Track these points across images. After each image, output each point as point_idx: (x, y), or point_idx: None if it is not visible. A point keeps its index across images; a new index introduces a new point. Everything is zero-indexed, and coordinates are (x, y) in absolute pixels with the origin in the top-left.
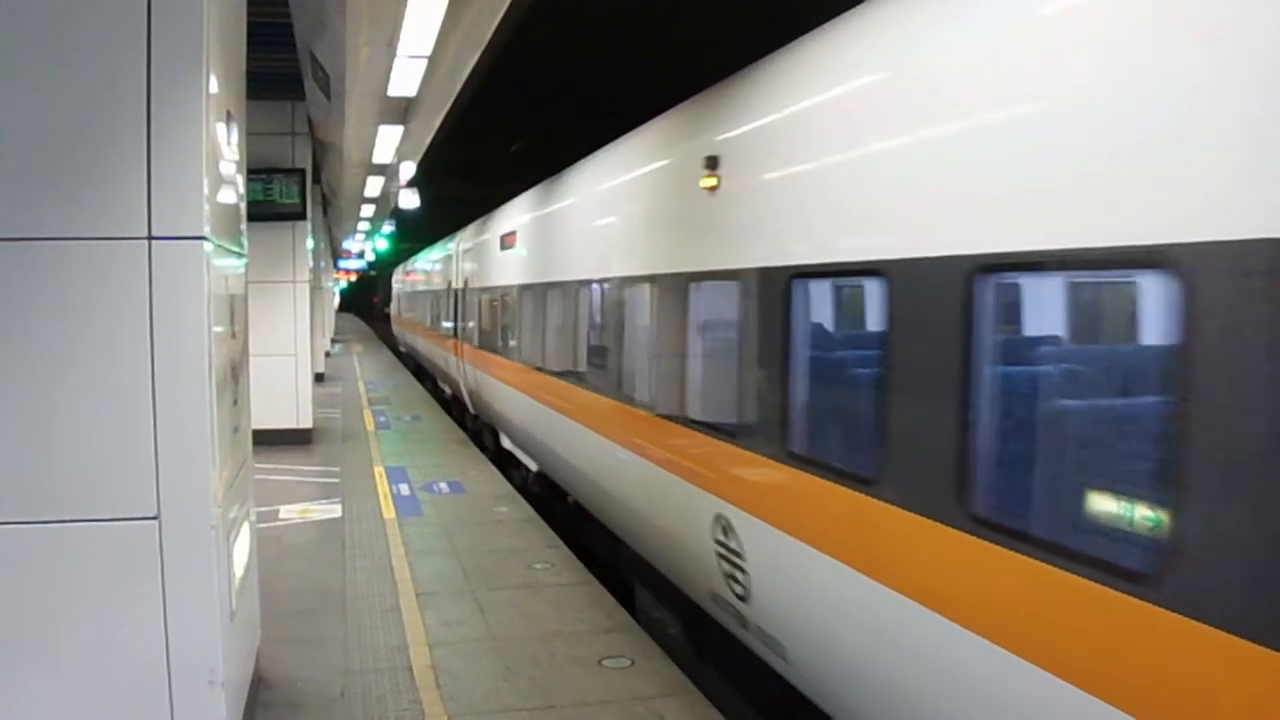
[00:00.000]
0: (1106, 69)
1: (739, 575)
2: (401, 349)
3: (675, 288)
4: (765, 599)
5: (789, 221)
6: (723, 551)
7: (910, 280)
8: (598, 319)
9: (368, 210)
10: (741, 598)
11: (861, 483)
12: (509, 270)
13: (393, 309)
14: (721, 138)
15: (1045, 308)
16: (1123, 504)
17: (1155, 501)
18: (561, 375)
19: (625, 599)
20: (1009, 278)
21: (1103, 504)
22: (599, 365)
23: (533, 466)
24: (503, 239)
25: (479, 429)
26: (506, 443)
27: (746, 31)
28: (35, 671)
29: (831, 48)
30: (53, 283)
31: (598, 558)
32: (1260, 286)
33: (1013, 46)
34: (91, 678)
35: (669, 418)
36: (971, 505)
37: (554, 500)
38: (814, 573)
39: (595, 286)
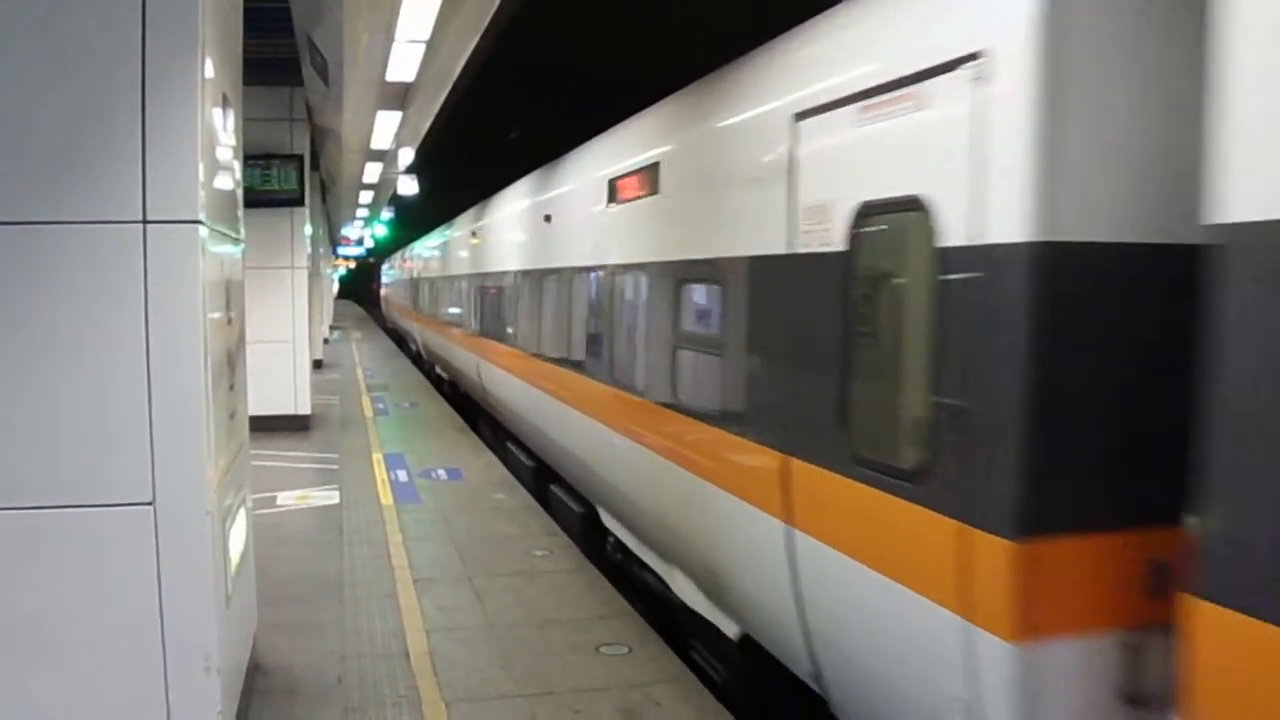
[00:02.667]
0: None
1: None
2: (388, 325)
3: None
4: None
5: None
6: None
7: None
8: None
9: (366, 197)
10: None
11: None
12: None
13: (382, 292)
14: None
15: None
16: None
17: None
18: (455, 325)
19: (623, 587)
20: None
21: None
22: (493, 326)
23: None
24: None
25: (430, 368)
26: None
27: (738, 15)
28: (30, 657)
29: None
30: (46, 267)
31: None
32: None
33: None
34: (86, 663)
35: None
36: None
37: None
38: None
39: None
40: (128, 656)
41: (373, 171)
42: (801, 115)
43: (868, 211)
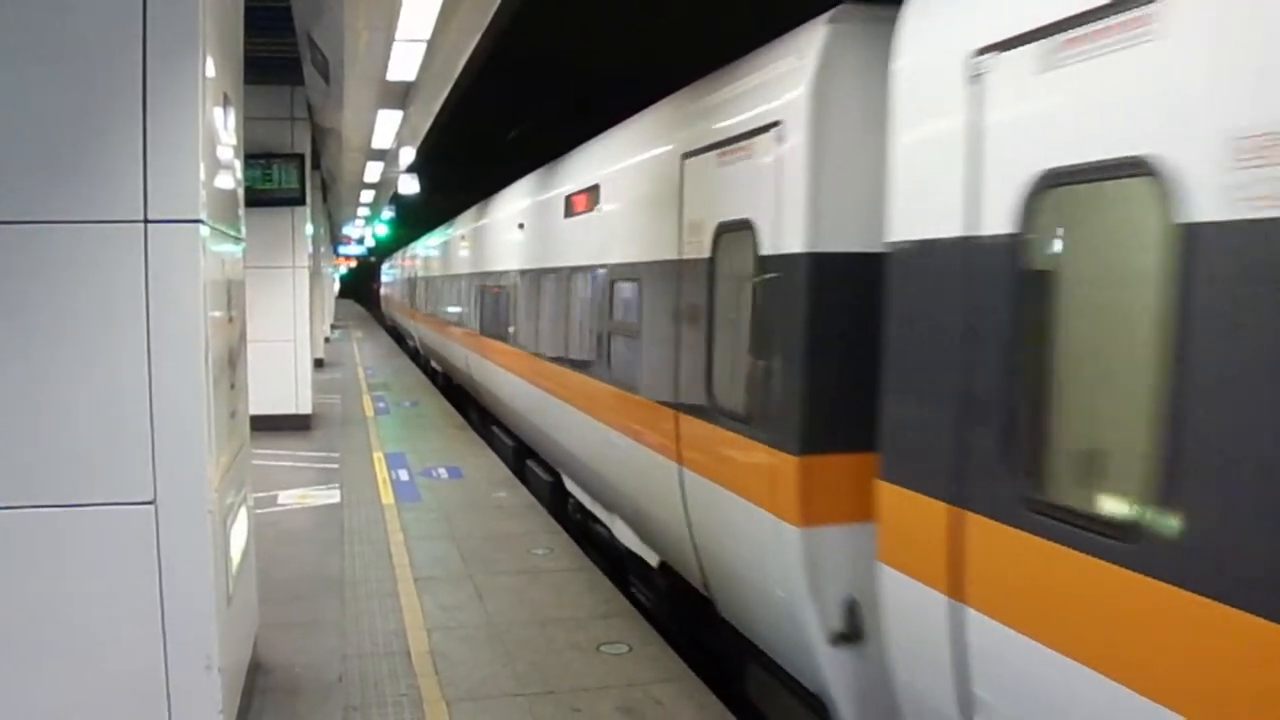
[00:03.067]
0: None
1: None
2: (387, 323)
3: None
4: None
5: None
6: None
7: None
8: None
9: (367, 196)
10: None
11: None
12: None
13: (382, 291)
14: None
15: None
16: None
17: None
18: (447, 321)
19: (624, 585)
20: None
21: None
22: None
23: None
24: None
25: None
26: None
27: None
28: (31, 657)
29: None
30: (48, 266)
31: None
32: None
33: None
34: (87, 663)
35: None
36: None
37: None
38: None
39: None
40: (129, 655)
41: (374, 170)
42: (686, 155)
43: (722, 230)
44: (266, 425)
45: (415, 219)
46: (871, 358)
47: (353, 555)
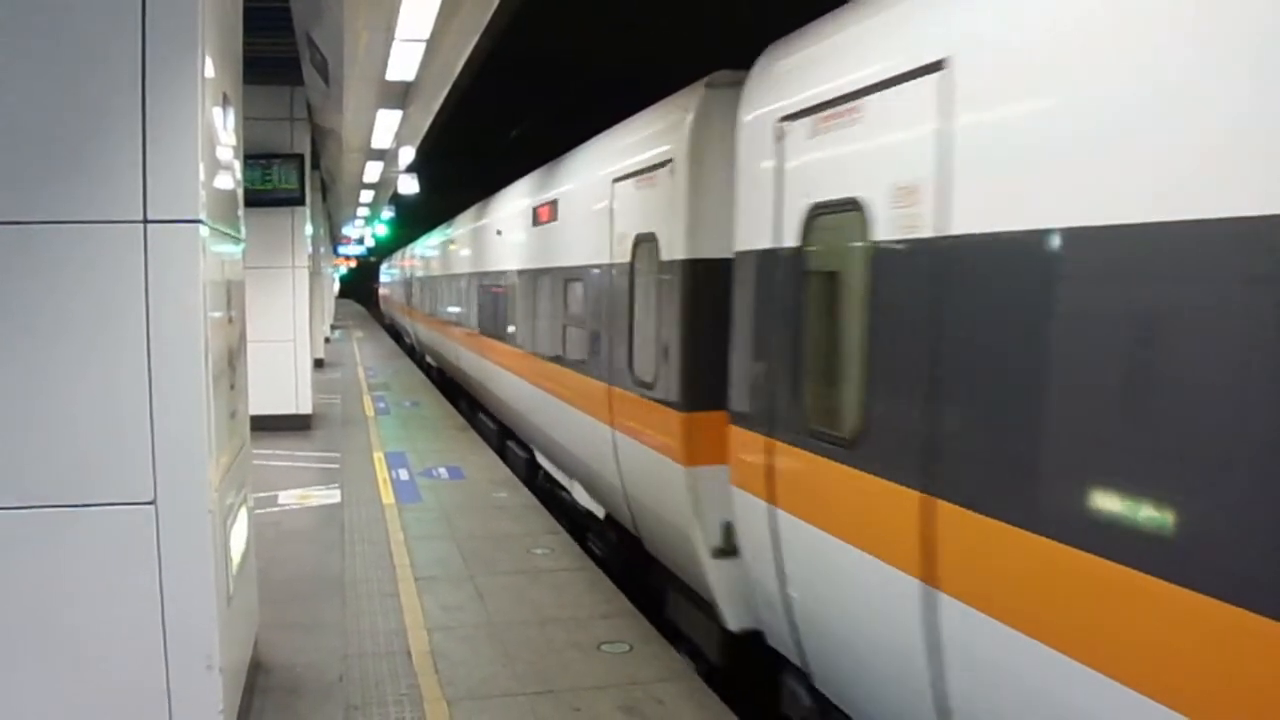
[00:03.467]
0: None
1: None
2: (386, 322)
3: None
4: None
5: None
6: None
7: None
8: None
9: (367, 196)
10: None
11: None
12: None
13: (380, 291)
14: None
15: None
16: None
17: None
18: (438, 318)
19: (624, 585)
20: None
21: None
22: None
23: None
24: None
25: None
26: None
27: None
28: (32, 657)
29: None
30: (47, 267)
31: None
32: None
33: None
34: (88, 663)
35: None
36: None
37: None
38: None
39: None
40: (129, 655)
41: (373, 171)
42: (615, 180)
43: (639, 240)
44: (267, 425)
45: (415, 219)
46: (723, 335)
47: (353, 555)
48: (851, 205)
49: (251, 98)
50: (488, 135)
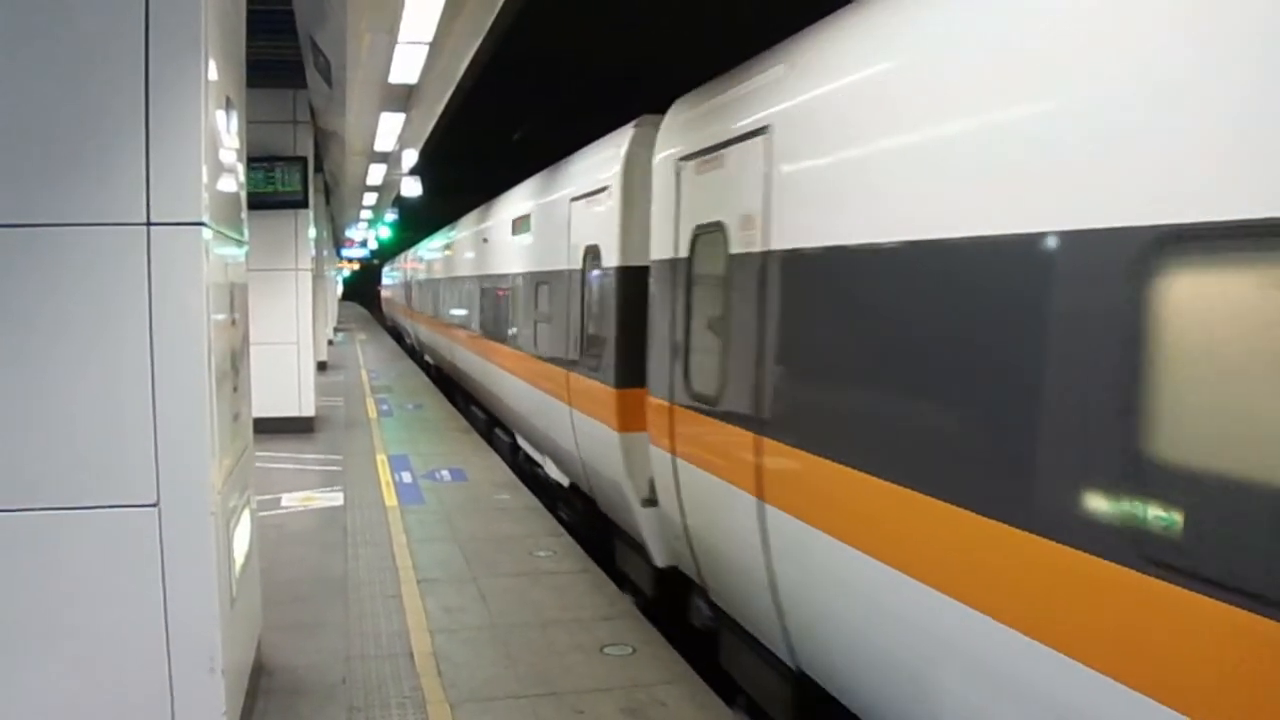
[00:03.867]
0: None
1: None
2: (388, 324)
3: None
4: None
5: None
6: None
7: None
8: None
9: (370, 198)
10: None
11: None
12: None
13: (382, 294)
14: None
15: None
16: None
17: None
18: (433, 318)
19: (626, 588)
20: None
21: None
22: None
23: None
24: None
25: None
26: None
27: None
28: (34, 659)
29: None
30: (51, 269)
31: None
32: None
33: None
34: (91, 665)
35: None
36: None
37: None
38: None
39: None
40: (132, 657)
41: (376, 173)
42: (572, 199)
43: (587, 250)
44: (270, 428)
45: (418, 221)
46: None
47: (356, 557)
48: (718, 227)
49: (254, 100)
50: (489, 138)
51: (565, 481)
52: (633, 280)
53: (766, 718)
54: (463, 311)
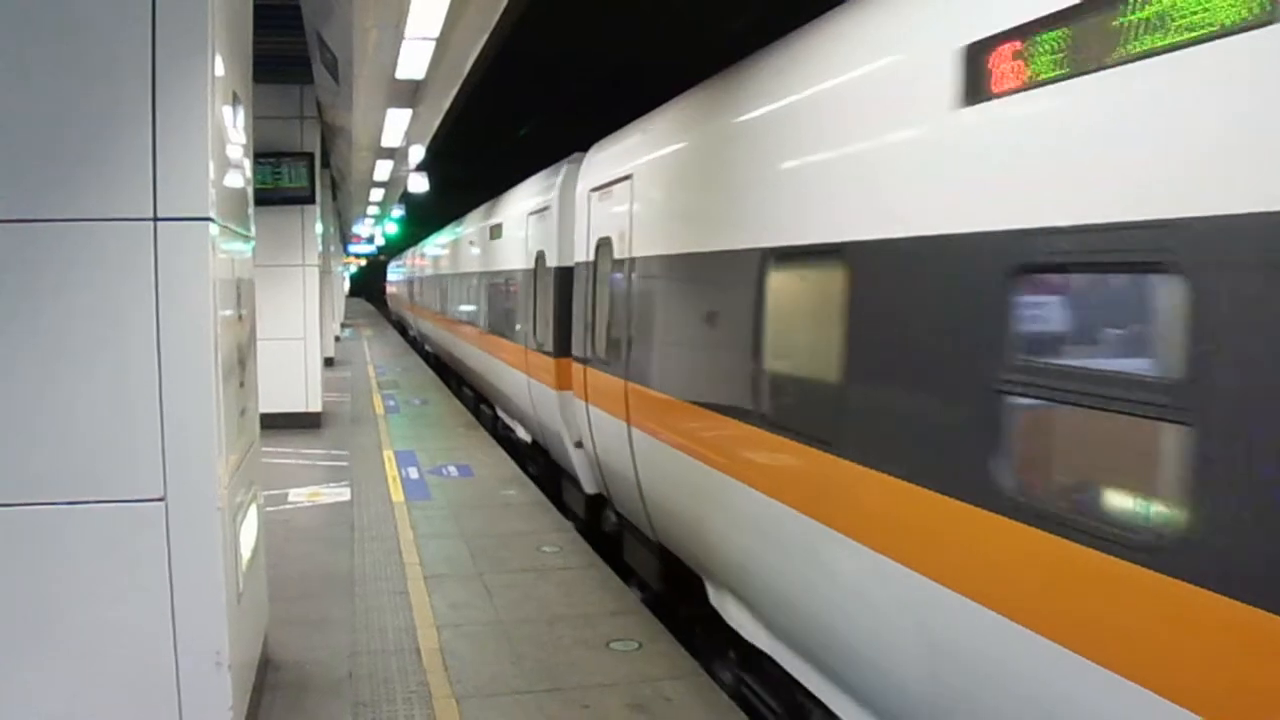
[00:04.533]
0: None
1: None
2: (394, 318)
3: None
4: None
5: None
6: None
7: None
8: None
9: (377, 194)
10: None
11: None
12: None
13: (387, 290)
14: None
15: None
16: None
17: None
18: (433, 311)
19: (633, 584)
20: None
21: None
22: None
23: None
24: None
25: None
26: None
27: (746, 12)
28: (41, 653)
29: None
30: (58, 264)
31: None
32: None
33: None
34: (97, 659)
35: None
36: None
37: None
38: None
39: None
40: (139, 652)
41: (383, 169)
42: (529, 213)
43: (538, 257)
44: (277, 423)
45: (425, 217)
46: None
47: (363, 553)
48: (607, 240)
49: (261, 96)
50: (496, 134)
51: (528, 438)
52: (566, 278)
53: (650, 590)
54: (448, 303)
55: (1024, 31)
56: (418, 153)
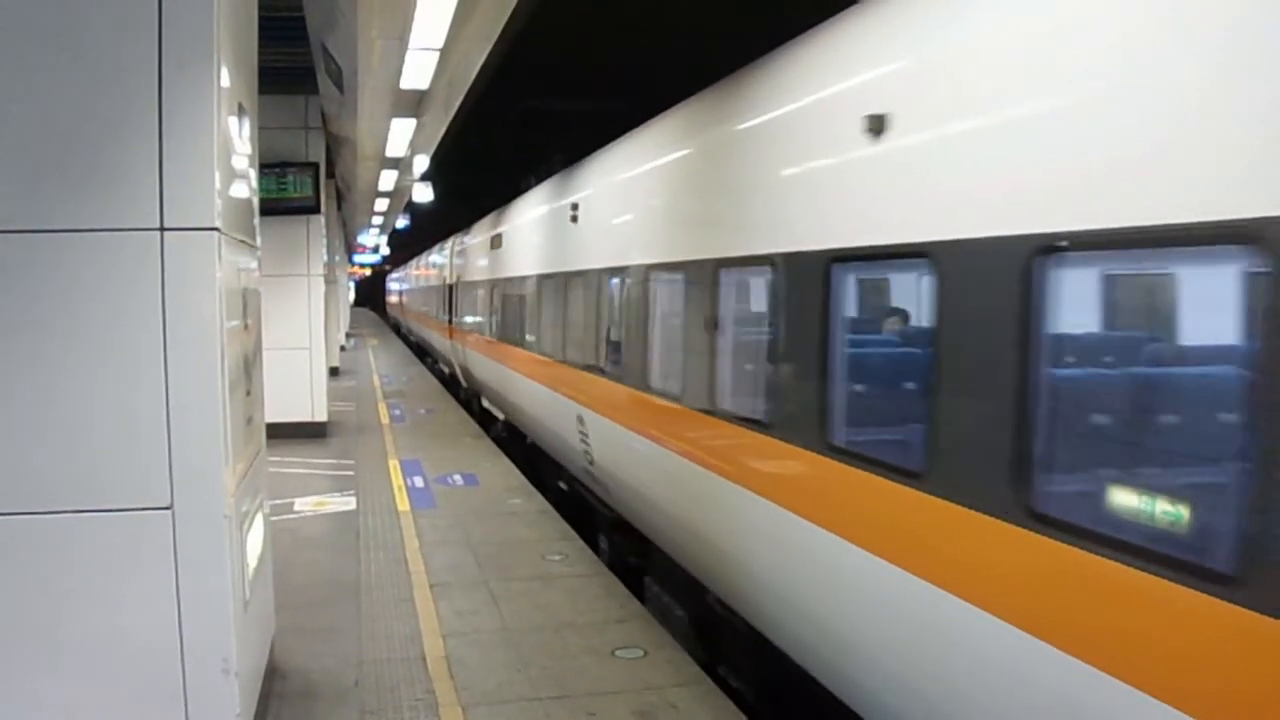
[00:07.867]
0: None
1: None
2: (393, 324)
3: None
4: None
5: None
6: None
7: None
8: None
9: (382, 204)
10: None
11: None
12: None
13: (389, 299)
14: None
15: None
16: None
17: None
18: (431, 316)
19: (638, 590)
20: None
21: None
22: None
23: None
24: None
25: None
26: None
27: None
28: (49, 660)
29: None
30: (65, 274)
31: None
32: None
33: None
34: (105, 667)
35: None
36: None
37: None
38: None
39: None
40: (146, 659)
41: (388, 179)
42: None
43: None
44: (283, 433)
45: (431, 226)
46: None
47: (369, 561)
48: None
49: (267, 107)
50: (501, 144)
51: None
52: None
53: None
54: (431, 308)
55: None
56: (422, 162)
